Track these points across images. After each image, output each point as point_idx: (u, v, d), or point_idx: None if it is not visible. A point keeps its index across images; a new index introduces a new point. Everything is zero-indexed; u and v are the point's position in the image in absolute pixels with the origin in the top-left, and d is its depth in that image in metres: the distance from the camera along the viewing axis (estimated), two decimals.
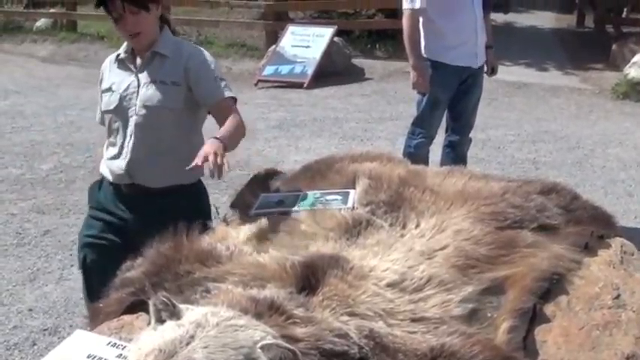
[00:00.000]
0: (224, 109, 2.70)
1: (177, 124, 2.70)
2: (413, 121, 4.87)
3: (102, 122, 2.87)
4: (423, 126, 4.78)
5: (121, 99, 2.72)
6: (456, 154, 4.83)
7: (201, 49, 2.85)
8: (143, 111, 2.68)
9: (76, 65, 11.37)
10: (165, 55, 2.71)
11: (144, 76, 2.71)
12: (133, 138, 2.70)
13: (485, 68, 4.90)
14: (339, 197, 2.27)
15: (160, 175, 2.71)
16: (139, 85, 2.71)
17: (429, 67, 4.62)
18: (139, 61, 2.75)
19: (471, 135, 5.04)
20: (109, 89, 2.77)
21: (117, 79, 2.77)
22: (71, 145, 6.93)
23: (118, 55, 2.81)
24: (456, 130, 4.89)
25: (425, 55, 4.62)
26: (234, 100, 2.74)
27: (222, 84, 2.74)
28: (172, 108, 2.68)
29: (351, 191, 2.29)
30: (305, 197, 2.32)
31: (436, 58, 4.60)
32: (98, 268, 2.72)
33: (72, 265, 4.42)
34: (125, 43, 2.79)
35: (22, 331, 3.73)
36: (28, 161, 6.47)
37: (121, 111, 2.72)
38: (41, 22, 13.47)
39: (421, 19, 4.57)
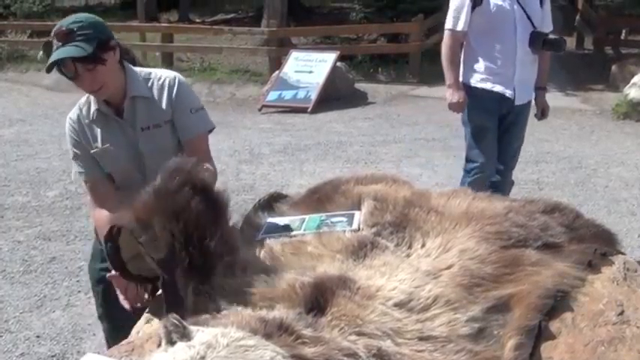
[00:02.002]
0: (194, 149, 2.62)
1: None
2: (465, 156, 4.68)
3: (86, 179, 2.71)
4: (473, 158, 4.56)
5: (127, 153, 2.64)
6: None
7: (172, 73, 2.73)
8: (152, 158, 2.59)
9: (80, 93, 11.41)
10: (145, 96, 2.62)
11: (136, 124, 2.63)
12: None
13: (535, 110, 4.73)
14: (344, 219, 2.29)
15: None
16: (135, 135, 2.62)
17: (468, 90, 4.50)
18: (119, 108, 2.64)
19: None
20: (106, 149, 2.64)
21: (107, 135, 2.64)
22: None
23: (90, 110, 2.66)
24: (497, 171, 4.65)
25: (461, 80, 4.53)
26: (208, 130, 2.70)
27: (196, 117, 2.66)
28: (175, 143, 2.65)
29: (356, 213, 2.31)
30: (311, 220, 2.34)
31: (471, 82, 4.51)
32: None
33: (79, 292, 4.45)
34: (88, 95, 2.68)
35: (29, 358, 3.75)
36: (33, 189, 6.52)
37: (128, 165, 2.65)
38: None
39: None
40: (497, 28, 4.38)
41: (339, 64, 10.71)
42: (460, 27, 4.41)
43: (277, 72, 10.77)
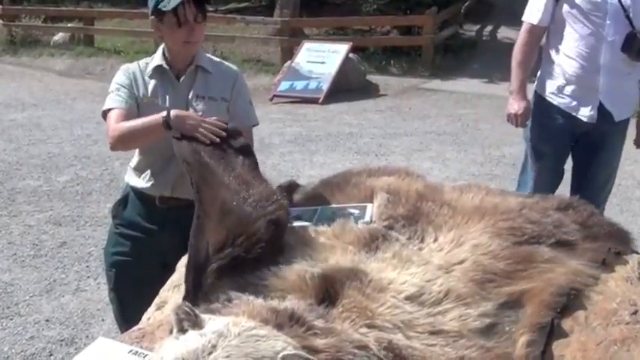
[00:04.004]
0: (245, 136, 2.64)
1: None
2: (518, 179, 3.98)
3: (121, 108, 2.65)
4: (526, 179, 3.83)
5: None
6: None
7: (234, 66, 2.89)
8: None
9: (92, 79, 11.50)
10: (208, 70, 2.73)
11: (191, 91, 2.71)
12: None
13: (635, 135, 3.87)
14: (356, 211, 2.28)
15: None
16: (186, 100, 2.68)
17: (535, 101, 3.76)
18: (179, 73, 2.72)
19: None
20: (152, 101, 2.68)
21: (159, 90, 2.71)
22: (88, 157, 7.00)
23: (148, 67, 2.73)
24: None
25: (535, 88, 3.80)
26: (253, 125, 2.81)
27: (252, 109, 2.80)
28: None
29: (369, 205, 2.30)
30: (323, 211, 2.33)
31: (542, 92, 3.73)
32: (131, 286, 2.73)
33: (88, 277, 4.47)
34: (157, 55, 2.75)
35: (39, 341, 3.76)
36: (45, 173, 6.54)
37: None
38: (59, 37, 13.65)
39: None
40: (580, 23, 3.53)
41: (351, 55, 10.67)
42: (537, 21, 3.63)
43: (289, 62, 10.75)
